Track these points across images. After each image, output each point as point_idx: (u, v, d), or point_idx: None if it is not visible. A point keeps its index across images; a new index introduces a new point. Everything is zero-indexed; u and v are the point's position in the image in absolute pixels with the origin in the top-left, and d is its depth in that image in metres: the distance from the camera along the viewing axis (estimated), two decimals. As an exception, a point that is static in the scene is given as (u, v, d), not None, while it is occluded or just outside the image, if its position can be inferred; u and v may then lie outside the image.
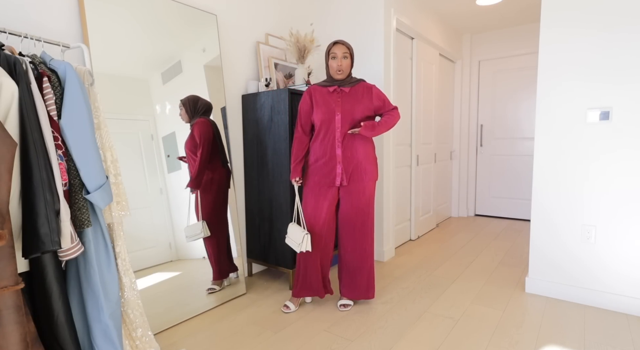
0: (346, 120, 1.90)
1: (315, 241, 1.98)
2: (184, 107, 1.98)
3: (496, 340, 1.69)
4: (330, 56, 1.90)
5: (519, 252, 3.03)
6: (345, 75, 1.92)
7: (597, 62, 1.94)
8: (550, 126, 2.09)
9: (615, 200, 1.94)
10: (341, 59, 1.88)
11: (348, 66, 1.91)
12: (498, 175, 4.28)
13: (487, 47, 4.19)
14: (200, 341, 1.73)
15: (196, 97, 2.06)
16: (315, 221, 1.96)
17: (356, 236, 1.98)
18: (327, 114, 1.90)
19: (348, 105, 1.91)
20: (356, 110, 1.90)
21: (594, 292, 2.02)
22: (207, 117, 2.10)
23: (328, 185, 1.94)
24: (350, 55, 1.91)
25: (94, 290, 1.27)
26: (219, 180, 2.12)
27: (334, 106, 1.91)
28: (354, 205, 1.96)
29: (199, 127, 2.03)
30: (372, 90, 1.97)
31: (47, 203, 1.09)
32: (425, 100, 3.52)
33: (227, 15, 2.39)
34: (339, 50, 1.88)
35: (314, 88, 1.96)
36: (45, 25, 1.58)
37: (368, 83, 1.99)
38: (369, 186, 1.96)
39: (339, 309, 2.03)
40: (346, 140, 1.91)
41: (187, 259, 1.97)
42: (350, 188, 1.95)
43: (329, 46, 1.91)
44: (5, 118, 1.05)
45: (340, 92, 1.93)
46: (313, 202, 1.96)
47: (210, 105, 2.13)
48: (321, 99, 1.93)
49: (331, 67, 1.90)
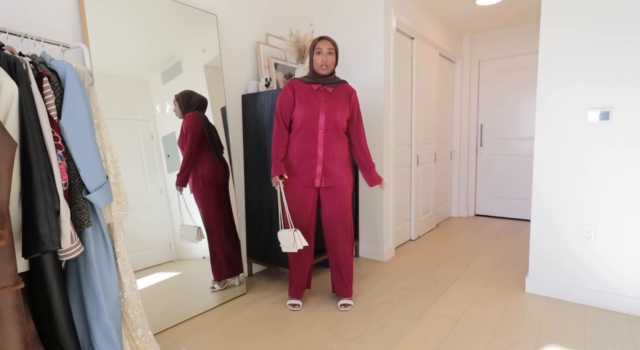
0: (329, 121, 1.90)
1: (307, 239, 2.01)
2: (177, 102, 1.96)
3: (496, 340, 1.69)
4: (315, 51, 1.89)
5: (519, 252, 3.03)
6: (329, 72, 1.92)
7: (597, 62, 1.94)
8: (550, 126, 2.09)
9: (615, 200, 1.94)
10: (326, 55, 1.88)
11: (333, 62, 1.91)
12: (498, 175, 4.28)
13: (487, 47, 4.19)
14: (200, 341, 1.73)
15: (190, 92, 2.03)
16: (301, 220, 1.97)
17: (344, 236, 2.00)
18: (311, 112, 1.89)
19: (331, 106, 1.91)
20: (337, 112, 1.91)
21: (594, 292, 2.02)
22: (200, 112, 2.07)
23: (308, 185, 1.94)
24: (335, 52, 1.91)
25: (94, 290, 1.27)
26: (211, 176, 2.09)
27: (318, 106, 1.90)
28: (337, 206, 1.97)
29: (186, 121, 2.00)
30: (352, 96, 1.99)
31: (47, 203, 1.09)
32: (425, 100, 3.52)
33: (227, 15, 2.39)
34: (325, 45, 1.88)
35: (297, 83, 1.94)
36: (45, 25, 1.58)
37: (350, 87, 2.01)
38: (348, 187, 1.98)
39: (339, 308, 2.03)
40: (327, 142, 1.91)
41: (187, 259, 1.97)
42: (331, 189, 1.96)
43: (314, 41, 1.91)
44: (5, 118, 1.05)
45: (324, 92, 1.93)
46: (297, 201, 1.96)
47: (205, 100, 2.10)
48: (304, 96, 1.91)
49: (316, 62, 1.90)
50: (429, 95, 3.60)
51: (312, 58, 1.92)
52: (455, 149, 4.45)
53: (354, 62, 2.87)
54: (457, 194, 4.47)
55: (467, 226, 3.97)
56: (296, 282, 2.07)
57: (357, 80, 2.88)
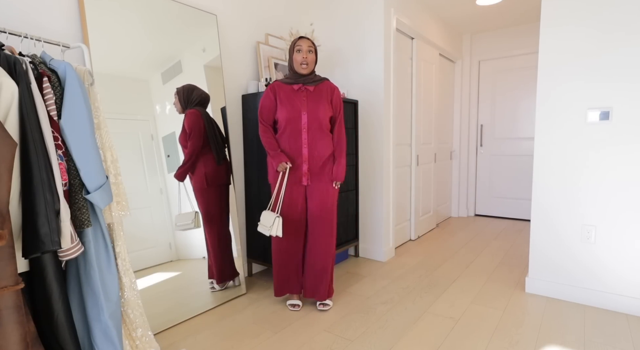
0: (312, 120, 1.91)
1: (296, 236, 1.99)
2: (177, 96, 1.94)
3: (496, 340, 1.69)
4: (296, 49, 1.91)
5: (519, 252, 3.03)
6: (309, 70, 1.93)
7: (597, 62, 1.94)
8: (550, 126, 2.09)
9: (615, 200, 1.94)
10: (306, 53, 1.89)
11: (313, 61, 1.93)
12: (498, 175, 4.28)
13: (487, 47, 4.19)
14: (200, 341, 1.73)
15: (192, 87, 2.02)
16: (291, 218, 1.97)
17: (324, 237, 1.99)
18: (293, 112, 1.90)
19: (313, 104, 1.92)
20: (320, 110, 1.92)
21: (594, 292, 2.02)
22: (201, 108, 2.07)
23: (296, 183, 1.95)
24: (314, 51, 1.93)
25: (94, 290, 1.27)
26: (214, 176, 2.09)
27: (300, 105, 1.91)
28: (321, 205, 1.97)
29: (188, 118, 1.99)
30: (334, 92, 1.99)
31: (47, 203, 1.09)
32: (425, 100, 3.52)
33: (227, 15, 2.39)
34: (305, 43, 1.90)
35: (278, 85, 1.96)
36: (45, 25, 1.58)
37: (332, 84, 2.01)
38: (332, 187, 1.98)
39: (317, 308, 2.02)
40: (312, 140, 1.92)
41: (187, 259, 1.97)
42: (316, 187, 1.96)
43: (294, 40, 1.92)
44: (5, 118, 1.05)
45: (305, 91, 1.94)
46: (287, 201, 1.96)
47: (207, 96, 2.10)
48: (285, 97, 1.92)
49: (296, 60, 1.91)
50: (429, 95, 3.60)
51: (292, 56, 1.93)
52: (455, 149, 4.45)
53: (354, 62, 2.87)
54: (457, 194, 4.47)
55: (467, 226, 3.97)
56: (279, 279, 2.04)
57: (357, 80, 2.88)
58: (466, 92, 4.35)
